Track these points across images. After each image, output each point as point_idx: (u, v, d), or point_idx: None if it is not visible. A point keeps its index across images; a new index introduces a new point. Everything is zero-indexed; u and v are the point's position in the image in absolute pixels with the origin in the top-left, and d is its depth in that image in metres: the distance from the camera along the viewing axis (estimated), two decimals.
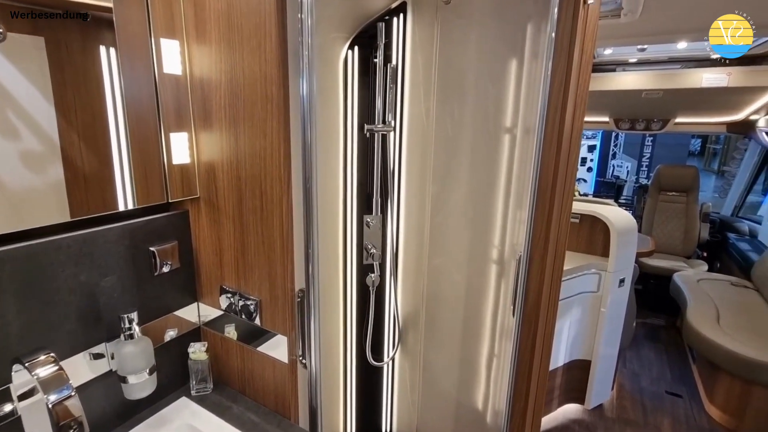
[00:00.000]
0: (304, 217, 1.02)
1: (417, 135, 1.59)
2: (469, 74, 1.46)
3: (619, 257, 2.36)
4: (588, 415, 2.56)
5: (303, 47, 0.96)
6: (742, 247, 3.76)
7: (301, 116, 0.98)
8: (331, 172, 1.46)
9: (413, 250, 1.71)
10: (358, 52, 1.44)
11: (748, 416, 2.40)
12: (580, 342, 2.47)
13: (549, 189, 1.23)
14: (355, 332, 1.69)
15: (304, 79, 0.97)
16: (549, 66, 1.11)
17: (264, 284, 1.09)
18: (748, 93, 2.98)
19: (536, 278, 1.29)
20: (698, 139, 11.16)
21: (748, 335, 2.54)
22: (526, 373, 1.40)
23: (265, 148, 1.00)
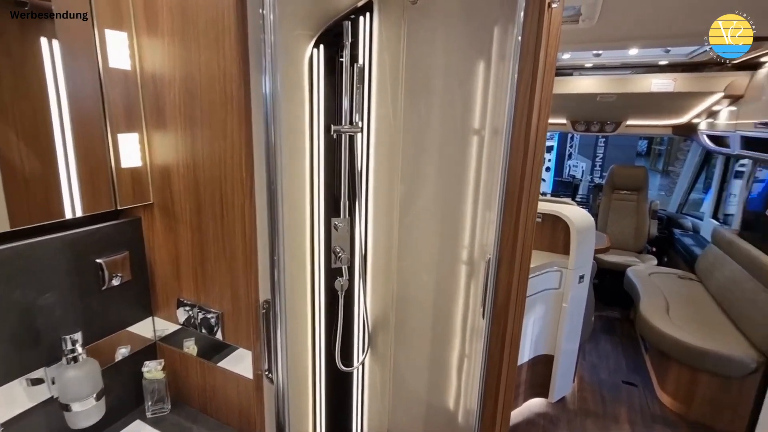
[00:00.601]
0: (268, 222, 0.96)
1: (385, 136, 1.57)
2: (437, 75, 1.45)
3: (579, 254, 2.45)
4: (552, 408, 2.64)
5: (265, 44, 0.91)
6: (687, 242, 4.03)
7: (264, 116, 0.93)
8: (297, 174, 1.41)
9: (382, 253, 1.69)
10: (324, 51, 1.40)
11: (695, 402, 2.56)
12: (544, 338, 2.54)
13: (517, 190, 1.24)
14: (323, 339, 1.65)
15: (266, 78, 0.91)
16: (516, 68, 1.12)
17: (226, 296, 1.02)
18: (691, 98, 3.19)
19: (505, 280, 1.30)
20: (645, 140, 11.88)
21: (695, 325, 2.71)
22: (496, 372, 1.41)
23: (225, 150, 0.94)
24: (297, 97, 1.35)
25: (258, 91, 0.93)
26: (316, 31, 1.37)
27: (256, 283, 0.98)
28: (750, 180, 3.34)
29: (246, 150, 0.93)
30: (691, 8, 1.83)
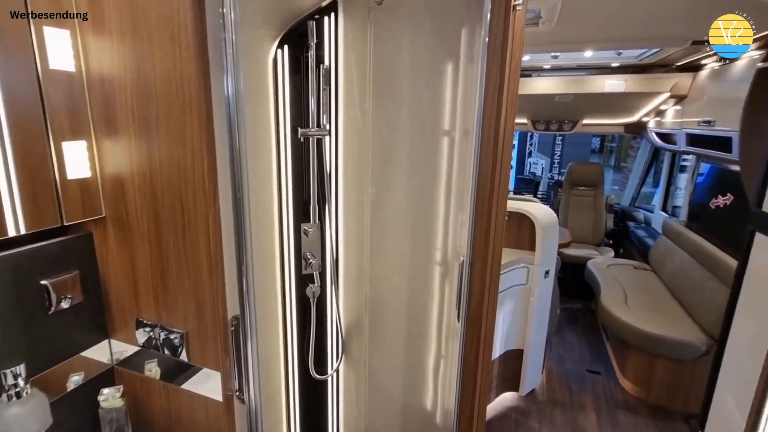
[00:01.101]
0: (234, 232, 0.91)
1: (353, 138, 1.53)
2: (405, 76, 1.44)
3: (544, 250, 2.52)
4: (522, 401, 2.71)
5: (226, 44, 0.86)
6: (640, 234, 4.26)
7: (227, 120, 0.87)
8: (264, 179, 1.35)
9: (354, 257, 1.66)
10: (289, 51, 1.35)
11: (653, 386, 2.71)
12: (514, 333, 2.59)
13: (487, 190, 1.24)
14: (296, 348, 1.60)
15: (228, 79, 0.86)
16: (484, 69, 1.12)
17: (190, 314, 0.95)
18: (641, 97, 3.37)
19: (478, 282, 1.31)
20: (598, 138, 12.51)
21: (651, 314, 2.87)
22: (472, 373, 1.42)
23: (185, 157, 0.87)
24: (261, 99, 1.30)
25: (219, 93, 0.88)
26: (280, 31, 1.32)
27: (224, 299, 0.92)
28: (694, 174, 3.57)
29: (208, 156, 0.87)
30: (639, 14, 1.92)
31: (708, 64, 2.86)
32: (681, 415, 2.58)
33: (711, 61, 2.78)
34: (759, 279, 1.69)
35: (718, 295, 2.55)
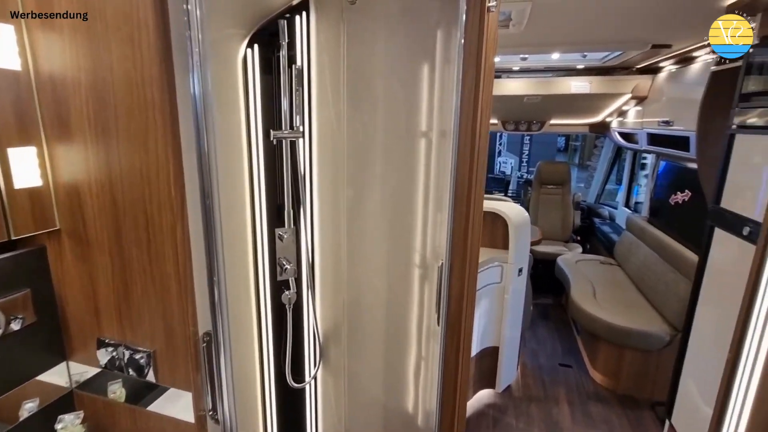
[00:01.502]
0: (205, 243, 0.85)
1: (328, 140, 1.50)
2: (380, 77, 1.41)
3: (517, 249, 2.56)
4: (499, 397, 2.75)
5: (192, 42, 0.81)
6: (605, 229, 4.42)
7: (194, 123, 0.82)
8: (236, 184, 1.30)
9: (331, 261, 1.62)
10: (259, 50, 1.30)
11: (622, 376, 2.81)
12: (489, 331, 2.62)
13: (465, 191, 1.24)
14: (272, 358, 1.54)
15: (194, 80, 0.81)
16: (460, 70, 1.12)
17: (158, 331, 0.89)
18: (604, 98, 3.50)
19: (457, 284, 1.30)
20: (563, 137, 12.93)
21: (618, 307, 2.97)
22: (453, 373, 1.42)
23: (149, 164, 0.81)
24: (231, 100, 1.24)
25: (185, 94, 0.83)
26: (250, 30, 1.27)
27: (194, 314, 0.87)
28: (655, 172, 3.74)
29: (174, 162, 0.81)
30: (603, 19, 1.99)
31: (666, 67, 2.99)
32: (648, 403, 2.69)
33: (668, 63, 2.91)
34: (719, 271, 1.78)
35: (679, 287, 2.68)
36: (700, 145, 2.37)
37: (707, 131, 2.31)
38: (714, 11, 1.74)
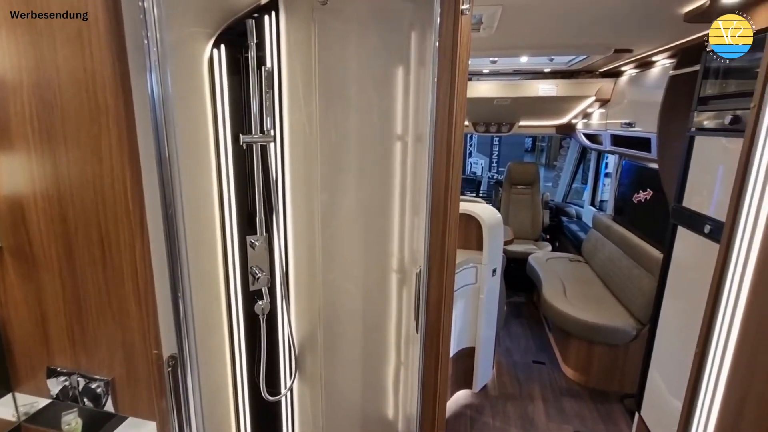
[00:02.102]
0: (168, 258, 0.79)
1: (300, 144, 1.46)
2: (353, 79, 1.39)
3: (491, 250, 2.59)
4: (476, 397, 2.77)
5: (149, 42, 0.75)
6: (573, 228, 4.56)
7: (153, 129, 0.76)
8: (204, 192, 1.24)
9: (305, 268, 1.58)
10: (227, 51, 1.25)
11: (593, 371, 2.90)
12: (465, 332, 2.64)
13: (442, 195, 1.23)
14: (245, 371, 1.49)
15: (152, 81, 0.75)
16: (435, 73, 1.11)
17: (117, 357, 0.82)
18: (570, 101, 3.61)
19: (436, 291, 1.29)
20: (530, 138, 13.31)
21: (587, 303, 3.07)
22: (433, 378, 1.41)
23: (102, 176, 0.75)
24: (196, 103, 1.18)
25: (142, 98, 0.76)
26: (215, 29, 1.21)
27: (157, 337, 0.80)
28: (618, 171, 3.89)
29: (131, 172, 0.75)
30: (569, 24, 2.04)
31: (627, 71, 3.12)
32: (618, 396, 2.78)
33: (629, 67, 3.03)
34: (682, 267, 1.86)
35: (643, 282, 2.79)
36: (661, 146, 2.48)
37: (668, 133, 2.42)
38: (672, 18, 1.82)
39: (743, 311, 1.12)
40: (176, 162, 0.76)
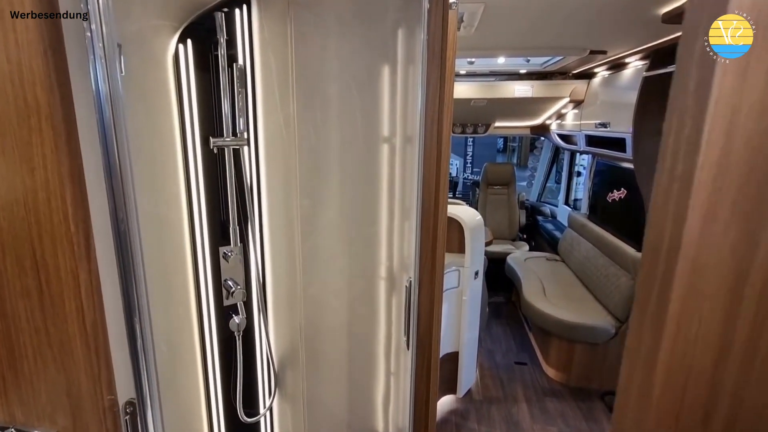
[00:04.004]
0: (121, 285, 0.67)
1: (277, 147, 1.36)
2: (333, 78, 1.31)
3: (473, 252, 2.56)
4: (460, 402, 2.73)
5: (95, 32, 0.63)
6: (548, 227, 4.62)
7: (101, 132, 0.64)
8: (170, 201, 1.13)
9: (284, 280, 1.48)
10: (194, 47, 1.14)
11: (573, 369, 2.92)
12: (449, 336, 2.60)
13: (432, 199, 1.17)
14: (221, 393, 1.37)
15: (97, 77, 0.63)
16: (424, 72, 1.04)
17: (60, 406, 0.69)
18: (545, 102, 3.64)
19: (426, 302, 1.23)
20: (501, 138, 13.54)
21: (566, 302, 3.09)
22: (424, 391, 1.35)
23: (35, 190, 0.61)
24: (160, 103, 1.07)
25: (86, 97, 0.64)
26: (181, 23, 1.11)
27: (110, 380, 0.68)
28: (592, 171, 3.97)
29: (72, 185, 0.62)
30: (547, 26, 2.04)
31: (600, 72, 3.17)
32: (598, 393, 2.81)
33: (602, 69, 3.08)
34: None
35: (620, 280, 2.82)
36: (635, 146, 2.52)
37: (642, 133, 2.45)
38: (648, 20, 1.83)
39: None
40: (129, 171, 0.64)
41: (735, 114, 0.44)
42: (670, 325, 0.52)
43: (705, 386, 0.53)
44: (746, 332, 0.49)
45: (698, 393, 0.53)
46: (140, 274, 0.65)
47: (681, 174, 0.49)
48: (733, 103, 0.44)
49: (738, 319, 0.49)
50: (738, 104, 0.44)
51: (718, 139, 0.46)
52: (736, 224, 0.49)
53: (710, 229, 0.48)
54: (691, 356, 0.51)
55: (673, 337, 0.52)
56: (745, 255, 0.48)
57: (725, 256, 0.48)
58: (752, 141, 0.45)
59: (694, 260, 0.49)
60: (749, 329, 0.49)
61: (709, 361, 0.51)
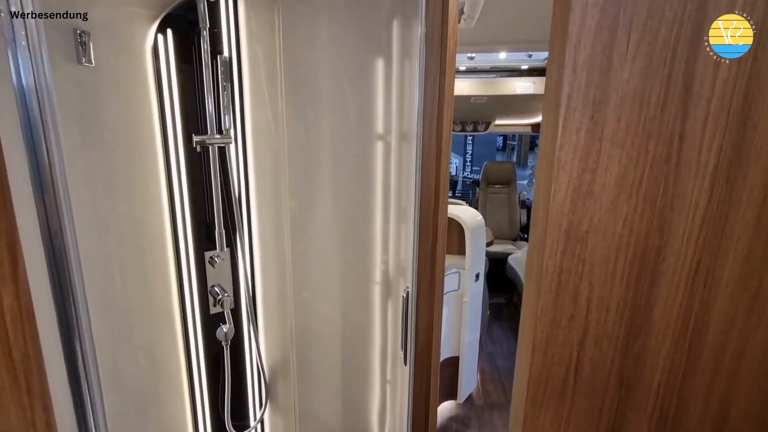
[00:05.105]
0: (58, 306, 0.56)
1: (265, 145, 1.28)
2: (324, 72, 1.22)
3: (474, 254, 2.48)
4: (461, 408, 2.66)
5: (15, 18, 0.54)
6: None
7: (26, 131, 0.54)
8: (150, 202, 1.05)
9: (275, 286, 1.40)
10: (174, 37, 1.06)
11: None
12: (449, 341, 2.52)
13: (432, 200, 1.09)
14: (208, 404, 1.30)
15: (19, 67, 0.53)
16: (423, 64, 0.96)
17: None
18: None
19: (425, 314, 1.15)
20: (501, 137, 13.45)
21: None
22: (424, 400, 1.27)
23: None
24: (138, 98, 0.99)
25: (7, 92, 0.55)
26: (160, 11, 1.03)
27: (48, 421, 0.56)
28: None
29: None
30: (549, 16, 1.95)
31: None
32: None
33: None
34: None
35: None
36: None
37: None
38: None
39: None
40: (60, 175, 0.53)
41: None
42: (545, 281, 0.67)
43: (580, 329, 0.69)
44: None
45: (571, 333, 0.69)
46: (79, 293, 0.56)
47: (549, 155, 0.64)
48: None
49: (615, 279, 0.67)
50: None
51: (572, 126, 0.61)
52: (607, 196, 0.63)
53: (582, 203, 0.63)
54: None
55: (553, 293, 0.68)
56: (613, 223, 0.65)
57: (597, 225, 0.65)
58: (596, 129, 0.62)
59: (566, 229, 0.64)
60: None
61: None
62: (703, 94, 0.63)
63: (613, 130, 0.63)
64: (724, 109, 0.64)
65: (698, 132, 0.64)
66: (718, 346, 0.72)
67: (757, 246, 0.68)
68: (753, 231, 0.67)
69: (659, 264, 0.67)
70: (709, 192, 0.65)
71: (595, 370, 0.72)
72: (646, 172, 0.64)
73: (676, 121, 0.63)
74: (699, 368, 0.72)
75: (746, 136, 0.65)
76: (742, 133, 0.65)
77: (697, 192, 0.65)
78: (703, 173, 0.65)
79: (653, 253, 0.66)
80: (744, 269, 0.68)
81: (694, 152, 0.64)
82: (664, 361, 0.72)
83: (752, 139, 0.65)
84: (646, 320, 0.70)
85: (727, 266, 0.68)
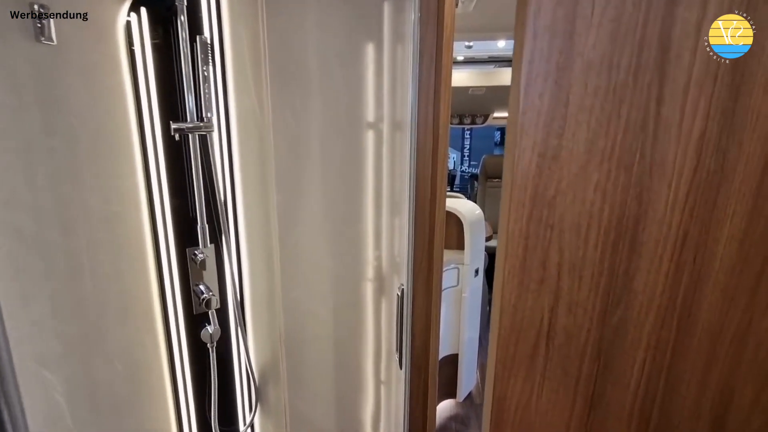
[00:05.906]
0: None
1: (251, 133, 1.20)
2: (312, 54, 1.14)
3: (473, 249, 2.42)
4: (461, 407, 2.60)
5: None
6: None
7: None
8: (124, 195, 0.97)
9: (262, 285, 1.33)
10: (150, 16, 0.98)
11: None
12: (448, 338, 2.46)
13: (428, 194, 1.01)
14: (194, 409, 1.23)
15: None
16: (417, 48, 0.88)
17: None
18: None
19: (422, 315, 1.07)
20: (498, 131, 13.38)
21: None
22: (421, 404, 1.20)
23: None
24: (109, 81, 0.91)
25: None
26: None
27: None
28: None
29: None
30: None
31: None
32: None
33: None
34: None
35: None
36: None
37: None
38: None
39: None
40: None
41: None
42: (511, 245, 0.69)
43: (551, 294, 0.69)
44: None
45: (542, 298, 0.69)
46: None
47: (513, 119, 0.67)
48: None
49: (588, 246, 0.68)
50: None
51: (534, 91, 0.63)
52: (576, 162, 0.63)
53: (548, 167, 0.64)
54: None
55: (520, 258, 0.69)
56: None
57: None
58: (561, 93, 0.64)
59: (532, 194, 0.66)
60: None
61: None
62: (684, 57, 0.58)
63: (579, 95, 0.61)
64: (710, 73, 0.58)
65: (678, 96, 0.60)
66: (714, 325, 0.67)
67: (758, 221, 0.62)
68: (751, 205, 0.62)
69: (639, 233, 0.64)
70: (695, 160, 0.61)
71: (569, 337, 0.70)
72: (618, 137, 0.62)
73: (651, 87, 0.60)
74: (691, 348, 0.68)
75: (739, 101, 0.59)
76: (734, 98, 0.59)
77: (681, 159, 0.61)
78: (686, 140, 0.60)
79: (631, 221, 0.64)
80: (744, 245, 0.63)
81: (675, 117, 0.60)
82: (649, 336, 0.69)
83: (746, 105, 0.59)
84: (626, 290, 0.67)
85: (722, 240, 0.63)
